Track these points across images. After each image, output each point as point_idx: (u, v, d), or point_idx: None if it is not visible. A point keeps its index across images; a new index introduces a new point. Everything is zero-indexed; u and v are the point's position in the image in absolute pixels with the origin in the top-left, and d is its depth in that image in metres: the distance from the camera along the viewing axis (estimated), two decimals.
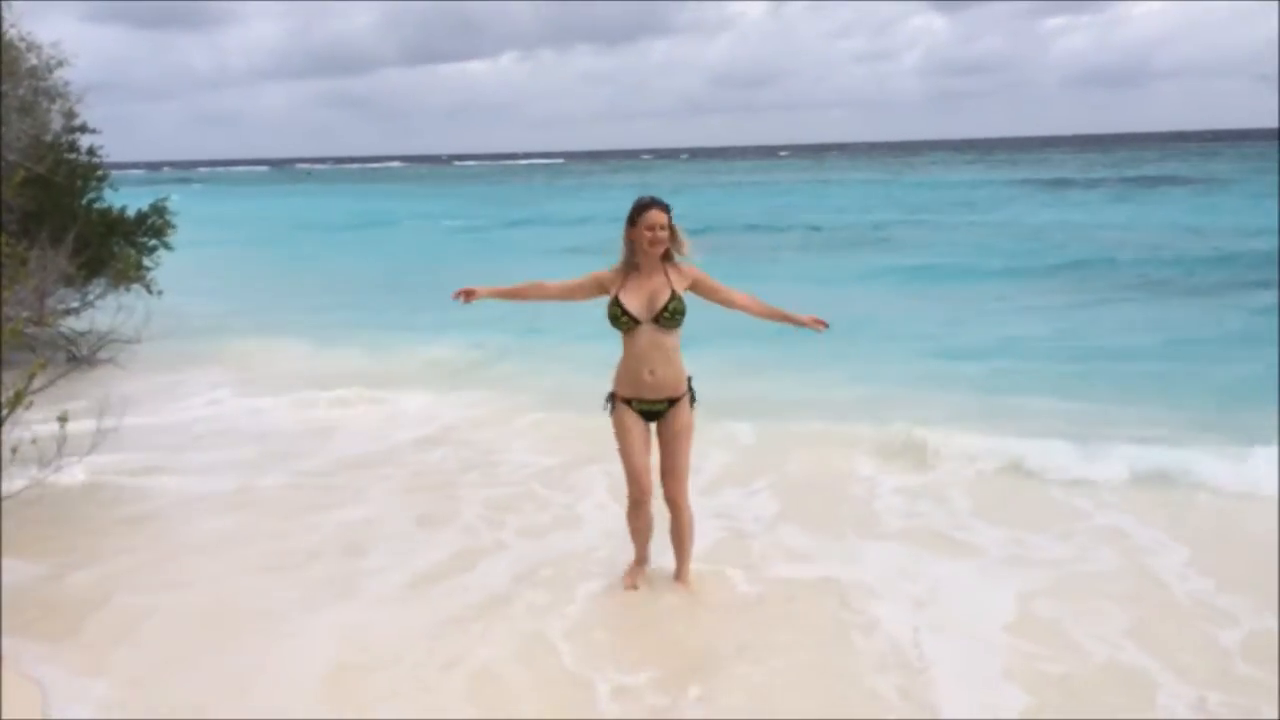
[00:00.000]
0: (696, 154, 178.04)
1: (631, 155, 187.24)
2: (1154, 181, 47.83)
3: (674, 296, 5.10)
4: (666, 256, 5.17)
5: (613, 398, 5.31)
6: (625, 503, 5.45)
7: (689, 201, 44.55)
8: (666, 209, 5.12)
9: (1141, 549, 6.08)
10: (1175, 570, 5.76)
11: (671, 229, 5.12)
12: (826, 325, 5.31)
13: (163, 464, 7.94)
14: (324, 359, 12.46)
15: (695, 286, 5.20)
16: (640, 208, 5.12)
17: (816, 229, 30.57)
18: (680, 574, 5.54)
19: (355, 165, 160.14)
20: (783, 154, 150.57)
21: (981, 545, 6.19)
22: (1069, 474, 7.36)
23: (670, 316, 5.10)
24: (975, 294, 17.10)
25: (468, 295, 5.21)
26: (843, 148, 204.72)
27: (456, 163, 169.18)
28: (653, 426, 5.32)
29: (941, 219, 32.60)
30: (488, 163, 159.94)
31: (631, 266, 5.18)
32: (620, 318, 5.13)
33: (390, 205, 51.26)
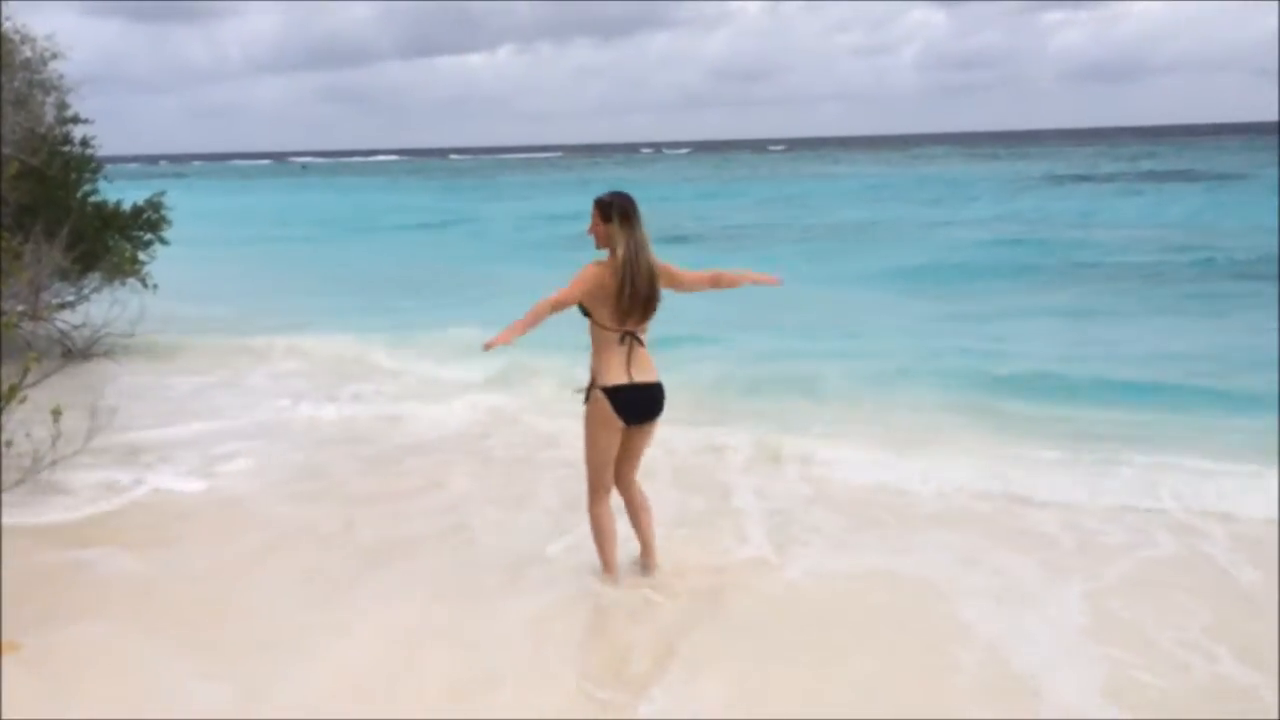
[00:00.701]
0: (700, 147, 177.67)
1: (630, 149, 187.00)
2: (1164, 176, 47.53)
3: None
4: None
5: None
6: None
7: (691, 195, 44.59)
8: (597, 202, 5.23)
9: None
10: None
11: (605, 224, 5.20)
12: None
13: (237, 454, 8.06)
14: (372, 351, 12.51)
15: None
16: (633, 201, 5.22)
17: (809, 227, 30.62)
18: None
19: (356, 159, 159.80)
20: (776, 148, 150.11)
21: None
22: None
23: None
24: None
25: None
26: (841, 141, 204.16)
27: (453, 156, 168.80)
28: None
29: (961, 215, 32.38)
30: (484, 157, 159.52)
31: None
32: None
33: (394, 200, 50.98)
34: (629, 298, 5.11)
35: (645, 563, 5.63)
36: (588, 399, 5.31)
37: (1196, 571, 5.72)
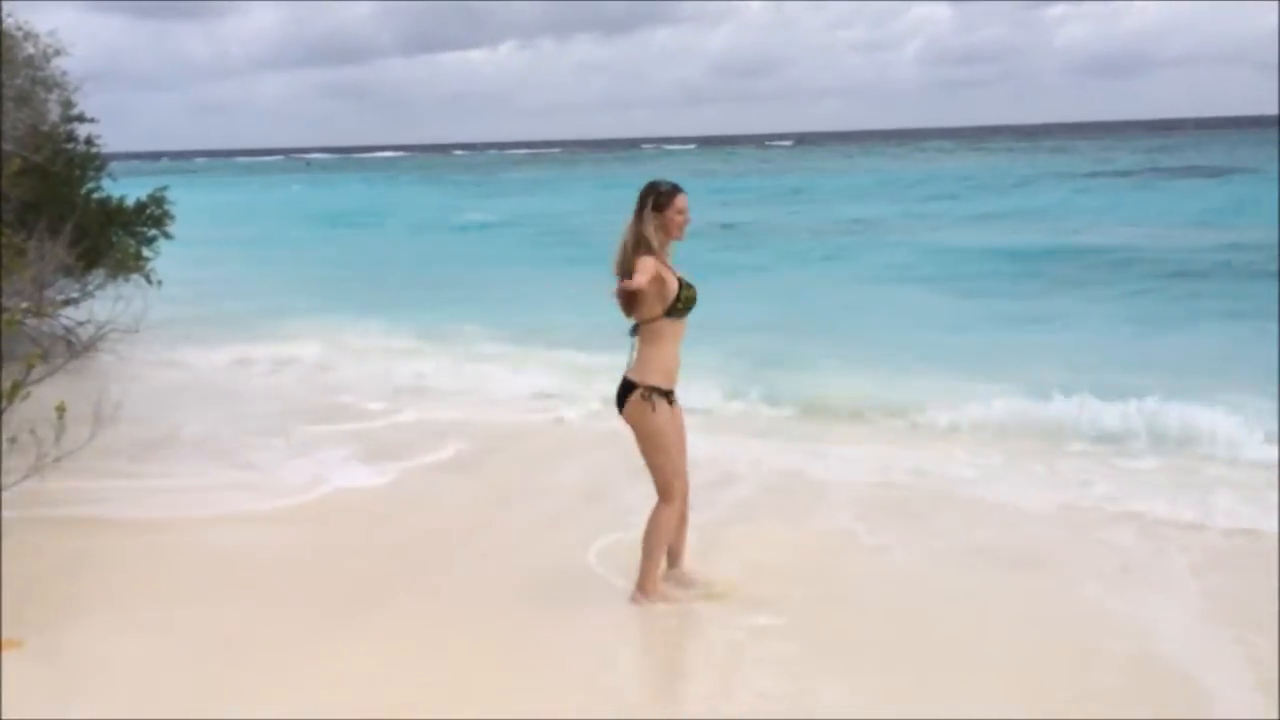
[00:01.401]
0: (704, 142, 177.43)
1: (632, 144, 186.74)
2: (1174, 172, 47.16)
3: (686, 284, 4.97)
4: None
5: (655, 392, 5.00)
6: (665, 508, 5.13)
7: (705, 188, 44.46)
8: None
9: None
10: None
11: None
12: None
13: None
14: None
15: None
16: (671, 192, 4.95)
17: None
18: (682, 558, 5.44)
19: (363, 155, 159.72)
20: (782, 143, 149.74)
21: None
22: None
23: (687, 307, 4.98)
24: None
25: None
26: (844, 136, 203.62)
27: (457, 152, 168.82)
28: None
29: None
30: (491, 152, 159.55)
31: (654, 252, 4.88)
32: (693, 303, 4.99)
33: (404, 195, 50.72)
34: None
35: (683, 572, 5.41)
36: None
37: None
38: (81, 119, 12.79)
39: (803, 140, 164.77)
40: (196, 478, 7.63)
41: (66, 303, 11.91)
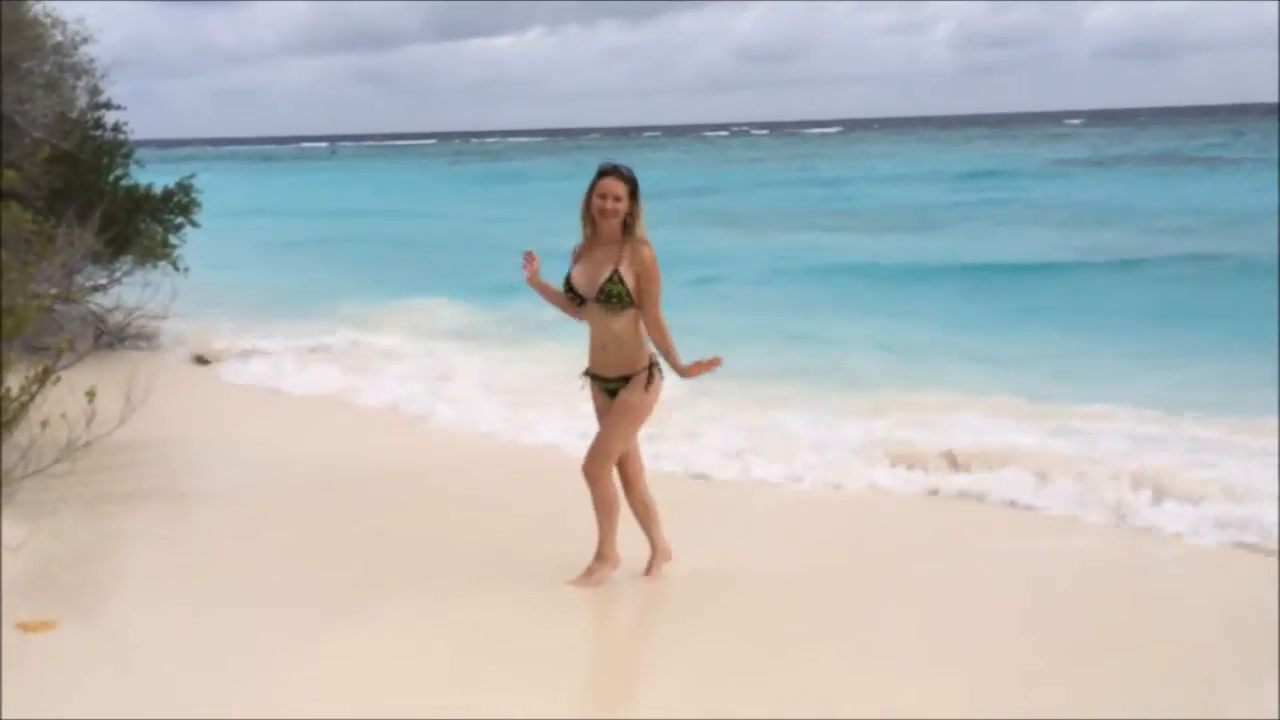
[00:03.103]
0: (736, 131, 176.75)
1: (675, 131, 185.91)
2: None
3: (611, 277, 4.99)
4: (628, 231, 5.06)
5: (586, 374, 5.35)
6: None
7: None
8: (625, 178, 5.02)
9: None
10: None
11: (632, 202, 5.02)
12: (718, 361, 5.08)
13: None
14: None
15: (638, 279, 5.02)
16: (597, 174, 5.07)
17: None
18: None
19: (393, 143, 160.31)
20: (830, 129, 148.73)
21: None
22: None
23: (606, 299, 5.02)
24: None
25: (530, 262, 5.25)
26: (875, 123, 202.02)
27: (486, 139, 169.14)
28: None
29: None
30: (520, 139, 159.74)
31: (590, 238, 5.17)
32: (567, 291, 5.17)
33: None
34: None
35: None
36: (650, 380, 5.16)
37: None
38: (109, 106, 13.01)
39: (852, 126, 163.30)
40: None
41: (95, 289, 12.13)
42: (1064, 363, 11.22)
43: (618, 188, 5.00)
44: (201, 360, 11.66)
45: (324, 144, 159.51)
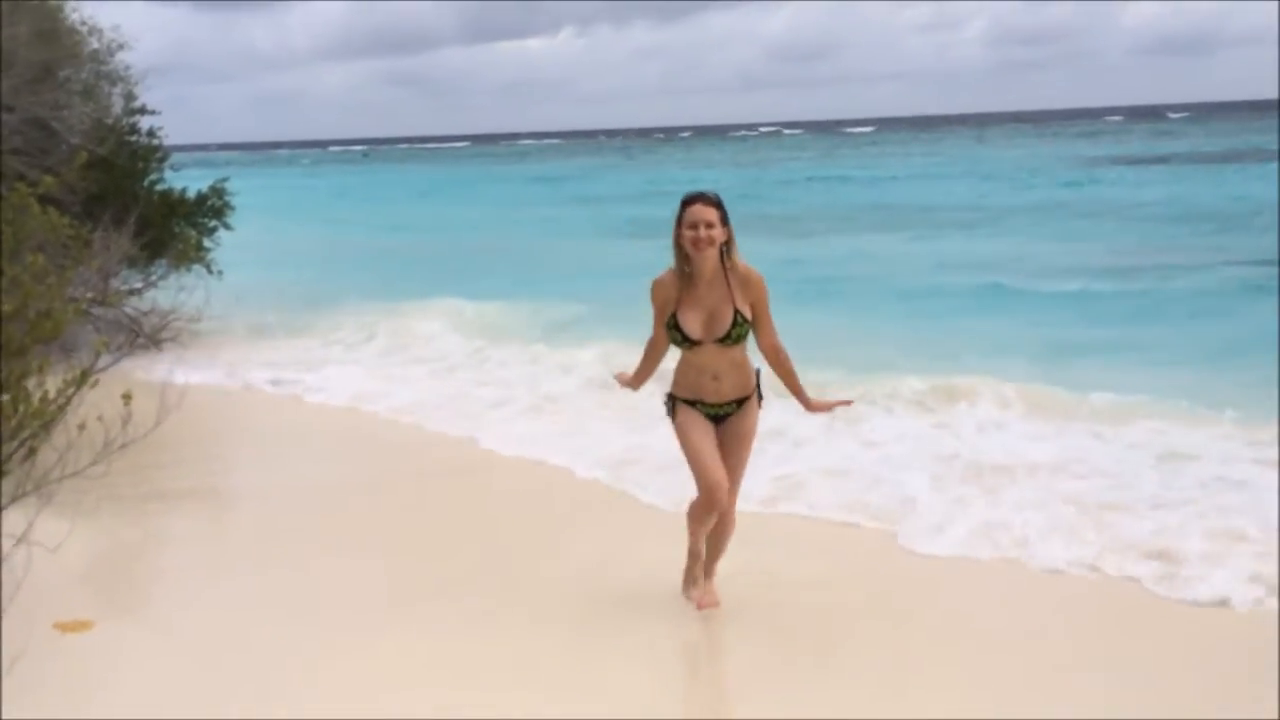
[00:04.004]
0: (800, 126, 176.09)
1: (719, 130, 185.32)
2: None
3: (737, 321, 4.70)
4: (725, 258, 4.73)
5: (672, 400, 4.98)
6: (694, 500, 4.98)
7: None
8: (713, 203, 4.67)
9: None
10: None
11: (726, 229, 4.67)
12: (848, 403, 5.15)
13: None
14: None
15: (753, 307, 4.76)
16: (682, 204, 4.70)
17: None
18: (709, 569, 5.24)
19: (430, 146, 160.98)
20: (864, 129, 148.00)
21: None
22: None
23: (734, 340, 4.75)
24: None
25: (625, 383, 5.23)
26: (908, 121, 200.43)
27: (524, 140, 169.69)
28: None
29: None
30: (554, 140, 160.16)
31: (685, 274, 4.75)
32: (681, 342, 4.80)
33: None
34: None
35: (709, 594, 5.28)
36: (761, 401, 5.03)
37: None
38: (144, 111, 13.24)
39: (883, 125, 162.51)
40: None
41: (131, 293, 12.34)
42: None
43: (708, 214, 4.63)
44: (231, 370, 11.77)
45: (359, 147, 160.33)
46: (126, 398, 5.53)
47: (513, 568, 5.88)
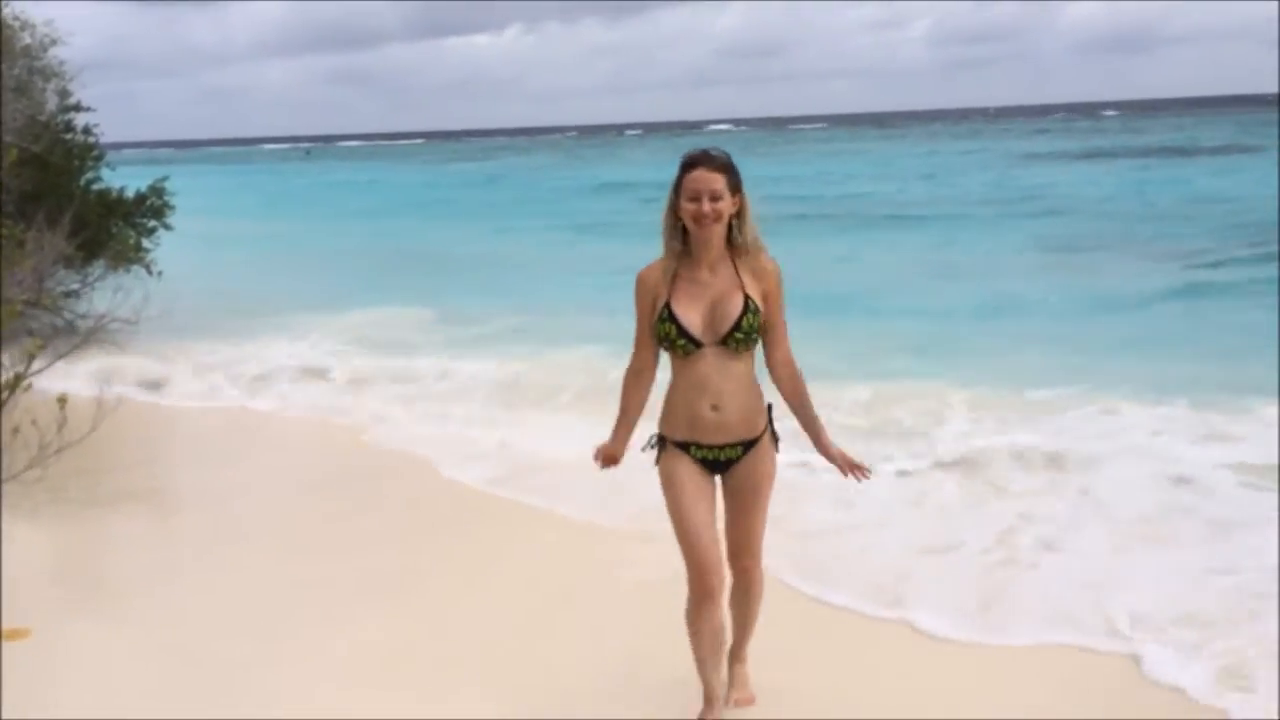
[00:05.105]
0: (747, 124, 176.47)
1: (659, 128, 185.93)
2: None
3: (748, 308, 3.63)
4: (730, 239, 3.68)
5: (661, 441, 3.85)
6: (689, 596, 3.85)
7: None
8: (722, 167, 3.61)
9: None
10: None
11: (737, 199, 3.64)
12: (866, 474, 3.83)
13: None
14: None
15: (764, 300, 3.68)
16: (681, 168, 3.64)
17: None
18: (737, 652, 4.19)
19: (376, 143, 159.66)
20: (814, 125, 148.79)
21: None
22: None
23: (744, 338, 3.65)
24: None
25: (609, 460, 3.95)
26: (861, 118, 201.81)
27: (468, 139, 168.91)
28: (717, 479, 3.86)
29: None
30: (504, 139, 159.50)
31: (681, 256, 3.71)
32: (676, 341, 3.66)
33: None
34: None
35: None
36: (778, 444, 3.92)
37: None
38: (79, 108, 13.07)
39: (835, 122, 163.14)
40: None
41: (67, 294, 12.17)
42: None
43: (714, 181, 3.58)
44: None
45: (303, 145, 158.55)
46: (62, 401, 5.49)
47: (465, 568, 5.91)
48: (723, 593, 3.85)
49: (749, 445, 3.76)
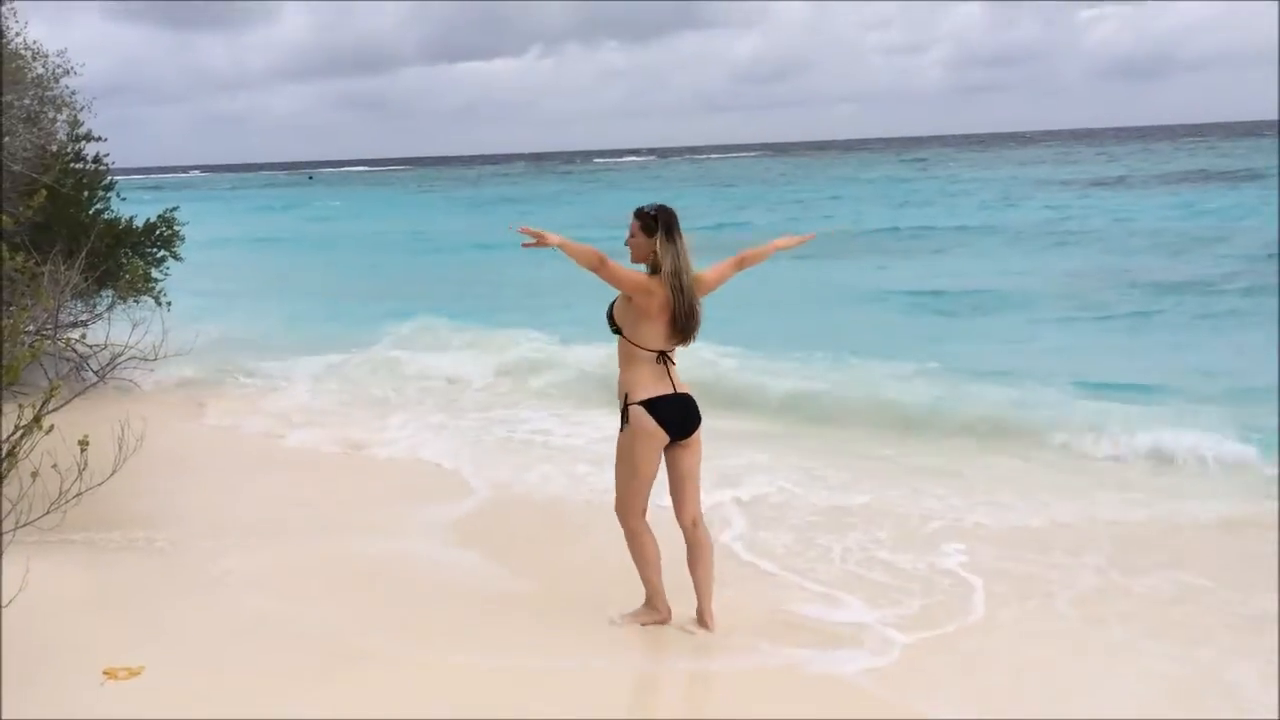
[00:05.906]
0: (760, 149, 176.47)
1: (670, 152, 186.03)
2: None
3: (612, 303, 5.31)
4: (656, 269, 5.16)
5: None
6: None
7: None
8: (637, 214, 5.22)
9: None
10: None
11: (647, 237, 5.14)
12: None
13: None
14: None
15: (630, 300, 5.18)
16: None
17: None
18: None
19: (380, 170, 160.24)
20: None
21: None
22: None
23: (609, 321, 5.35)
24: None
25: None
26: (876, 142, 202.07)
27: (479, 165, 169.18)
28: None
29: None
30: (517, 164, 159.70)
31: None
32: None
33: None
34: (682, 317, 5.12)
35: (702, 618, 5.49)
36: (625, 419, 5.24)
37: None
38: (89, 138, 12.99)
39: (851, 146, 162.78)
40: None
41: (74, 325, 12.05)
42: None
43: (632, 225, 5.23)
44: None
45: (304, 172, 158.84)
46: (83, 444, 5.37)
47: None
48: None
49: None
